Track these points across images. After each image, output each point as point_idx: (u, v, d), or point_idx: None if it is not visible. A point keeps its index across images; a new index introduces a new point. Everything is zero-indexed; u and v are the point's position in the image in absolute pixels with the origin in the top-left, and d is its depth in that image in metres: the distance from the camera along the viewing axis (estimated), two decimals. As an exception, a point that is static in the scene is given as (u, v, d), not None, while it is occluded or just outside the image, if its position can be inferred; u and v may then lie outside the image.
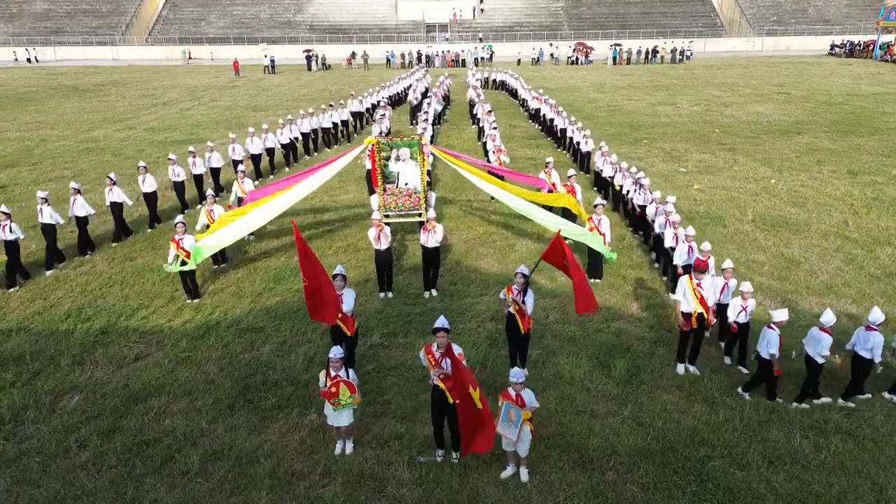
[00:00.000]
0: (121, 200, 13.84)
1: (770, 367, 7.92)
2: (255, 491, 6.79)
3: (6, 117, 30.46)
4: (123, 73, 51.49)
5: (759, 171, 19.14)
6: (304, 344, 9.71)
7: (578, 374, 8.83)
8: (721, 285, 9.12)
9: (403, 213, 12.72)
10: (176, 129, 27.16)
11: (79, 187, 13.25)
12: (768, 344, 7.85)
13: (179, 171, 15.60)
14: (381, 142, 12.55)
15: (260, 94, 38.96)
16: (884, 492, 6.71)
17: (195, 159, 16.25)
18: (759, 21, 68.78)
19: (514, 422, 6.59)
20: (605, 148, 16.67)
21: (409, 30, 69.28)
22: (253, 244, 13.82)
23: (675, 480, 6.88)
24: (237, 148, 17.85)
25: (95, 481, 6.96)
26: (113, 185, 13.66)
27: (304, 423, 7.87)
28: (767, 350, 7.86)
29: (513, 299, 8.38)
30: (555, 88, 38.53)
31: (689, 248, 10.25)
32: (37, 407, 8.20)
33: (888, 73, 44.77)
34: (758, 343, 8.09)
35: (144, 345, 9.78)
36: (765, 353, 7.92)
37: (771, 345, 7.80)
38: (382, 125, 20.17)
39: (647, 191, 13.11)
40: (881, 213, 15.14)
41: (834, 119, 27.37)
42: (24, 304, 11.11)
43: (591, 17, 70.52)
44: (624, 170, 14.63)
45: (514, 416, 6.60)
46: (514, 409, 6.58)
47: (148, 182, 14.59)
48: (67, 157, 21.98)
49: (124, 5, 69.06)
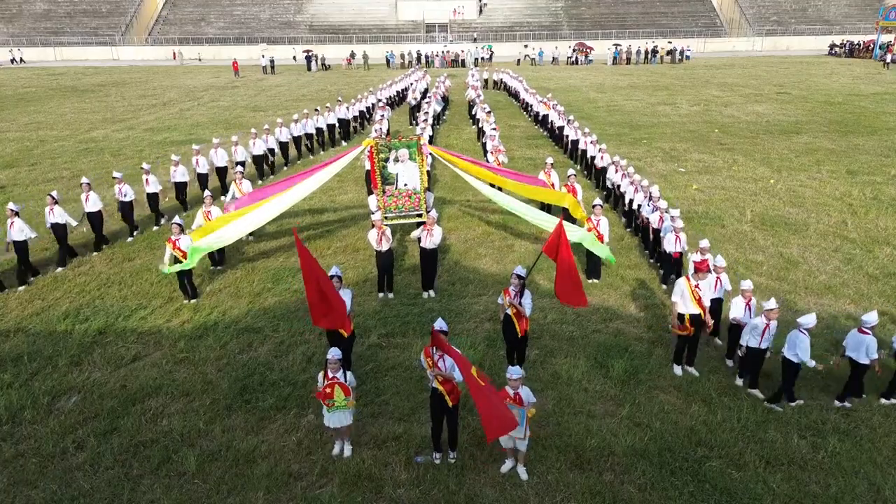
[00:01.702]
0: (63, 221, 12.41)
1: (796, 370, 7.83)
2: (253, 491, 6.78)
3: (5, 118, 30.46)
4: (123, 74, 51.50)
5: (758, 170, 19.14)
6: (302, 344, 9.71)
7: (576, 374, 8.83)
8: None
9: (403, 214, 12.71)
10: (175, 130, 27.16)
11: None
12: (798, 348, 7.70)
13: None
14: (379, 143, 12.54)
15: (259, 94, 38.97)
16: (881, 492, 6.71)
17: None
18: (759, 21, 68.79)
19: (518, 422, 6.57)
20: (623, 162, 15.25)
21: (408, 30, 69.29)
22: (251, 245, 13.82)
23: (673, 481, 6.88)
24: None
25: (92, 482, 6.95)
26: (55, 203, 12.24)
27: (302, 423, 7.86)
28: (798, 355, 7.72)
29: (510, 302, 8.38)
30: (554, 88, 38.51)
31: None
32: (34, 408, 8.19)
33: (888, 73, 44.75)
34: (784, 347, 7.95)
35: (142, 345, 9.77)
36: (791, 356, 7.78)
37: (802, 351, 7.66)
38: (381, 126, 20.18)
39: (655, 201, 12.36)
40: (880, 213, 15.13)
41: (833, 119, 27.37)
42: (23, 305, 11.11)
43: (591, 17, 70.54)
44: (637, 182, 13.70)
45: (517, 416, 6.58)
46: (517, 409, 6.56)
47: (92, 200, 13.11)
48: (66, 158, 21.98)
49: (124, 6, 69.09)
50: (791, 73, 45.52)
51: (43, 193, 16.13)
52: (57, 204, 12.37)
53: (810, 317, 7.82)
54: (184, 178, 15.74)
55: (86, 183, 13.24)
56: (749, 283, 8.70)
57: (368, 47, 61.05)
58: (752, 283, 8.73)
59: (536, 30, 68.16)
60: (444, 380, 6.81)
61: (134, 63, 62.17)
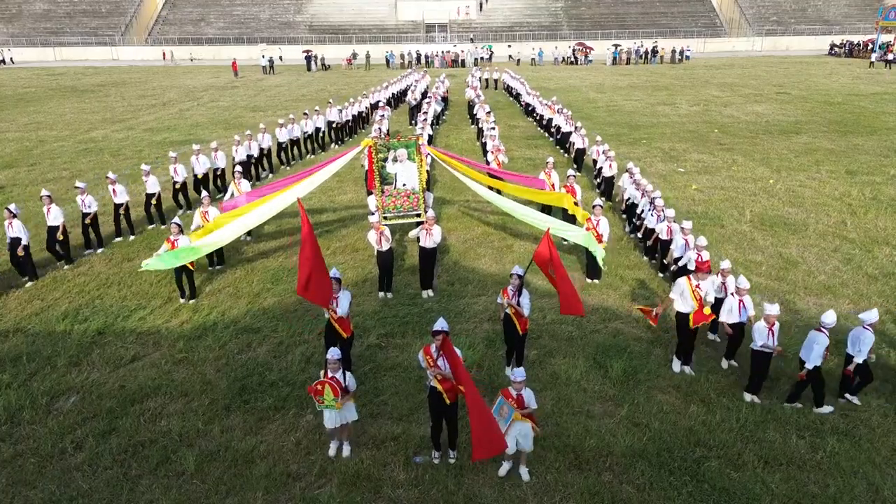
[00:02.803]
0: (19, 236, 11.67)
1: (818, 372, 7.76)
2: (251, 492, 6.78)
3: (5, 118, 30.46)
4: (123, 74, 51.50)
5: (757, 171, 19.14)
6: (301, 345, 9.71)
7: (575, 374, 8.83)
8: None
9: (402, 214, 12.71)
10: (175, 130, 27.16)
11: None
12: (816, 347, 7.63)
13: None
14: (378, 143, 12.55)
15: (259, 94, 38.96)
16: (879, 492, 6.71)
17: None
18: (759, 21, 68.80)
19: (504, 417, 6.63)
20: (636, 169, 14.39)
21: (408, 30, 69.29)
22: (250, 245, 13.82)
23: (671, 481, 6.88)
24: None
25: (91, 482, 6.95)
26: (13, 217, 11.58)
27: (301, 423, 7.86)
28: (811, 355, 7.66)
29: (508, 302, 8.38)
30: (554, 88, 38.54)
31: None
32: (33, 408, 8.19)
33: (887, 72, 44.75)
34: (802, 349, 7.88)
35: (141, 345, 9.77)
36: (807, 357, 7.72)
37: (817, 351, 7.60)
38: (382, 126, 20.17)
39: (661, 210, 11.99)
40: (879, 213, 15.13)
41: (833, 119, 27.37)
42: (22, 305, 11.11)
43: (591, 17, 70.54)
44: (643, 186, 13.36)
45: (505, 412, 6.64)
46: (508, 406, 6.62)
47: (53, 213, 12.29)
48: (66, 158, 21.98)
49: (124, 6, 69.08)
50: (791, 73, 45.53)
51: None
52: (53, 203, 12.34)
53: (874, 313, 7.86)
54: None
55: (46, 196, 12.32)
56: (744, 280, 8.62)
57: (368, 47, 61.02)
58: (746, 282, 8.62)
59: (536, 30, 68.17)
60: (442, 378, 6.81)
61: (134, 63, 62.16)
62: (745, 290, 8.53)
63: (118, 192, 13.87)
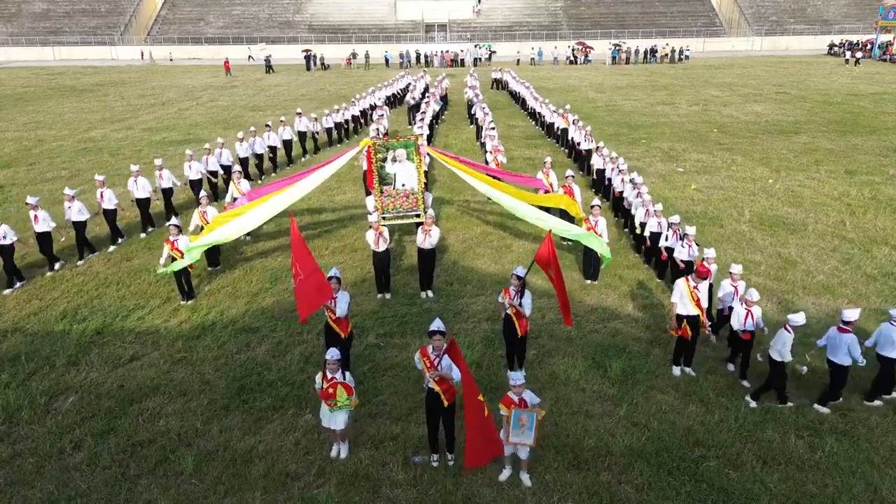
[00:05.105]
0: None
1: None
2: (250, 492, 6.78)
3: (4, 117, 30.42)
4: (122, 73, 51.45)
5: (756, 170, 19.14)
6: (300, 345, 9.70)
7: (574, 374, 8.83)
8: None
9: (401, 215, 12.70)
10: (174, 130, 27.14)
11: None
12: (782, 346, 7.68)
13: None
14: (377, 143, 12.54)
15: (258, 94, 38.93)
16: (878, 492, 6.71)
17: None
18: (758, 21, 68.79)
19: (526, 426, 6.55)
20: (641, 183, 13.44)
21: (408, 30, 69.26)
22: (249, 245, 13.81)
23: (670, 481, 6.88)
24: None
25: (89, 482, 6.95)
26: (72, 200, 12.11)
27: (299, 423, 7.86)
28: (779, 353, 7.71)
29: (510, 303, 8.38)
30: (553, 88, 38.56)
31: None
32: (31, 408, 8.19)
33: (887, 72, 44.77)
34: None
35: (140, 345, 9.77)
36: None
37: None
38: (381, 125, 20.16)
39: None
40: (878, 213, 15.14)
41: (832, 119, 27.38)
42: (20, 305, 11.10)
43: (591, 16, 70.51)
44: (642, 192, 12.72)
45: (525, 420, 6.54)
46: (525, 414, 6.53)
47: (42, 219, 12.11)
48: (65, 158, 21.96)
49: (123, 5, 68.99)
50: (790, 72, 45.54)
51: (43, 193, 16.15)
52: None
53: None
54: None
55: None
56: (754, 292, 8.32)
57: (367, 47, 60.95)
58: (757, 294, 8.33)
59: (536, 30, 68.12)
60: (440, 379, 6.81)
61: (133, 63, 62.07)
62: (753, 302, 8.20)
63: (106, 196, 13.34)
